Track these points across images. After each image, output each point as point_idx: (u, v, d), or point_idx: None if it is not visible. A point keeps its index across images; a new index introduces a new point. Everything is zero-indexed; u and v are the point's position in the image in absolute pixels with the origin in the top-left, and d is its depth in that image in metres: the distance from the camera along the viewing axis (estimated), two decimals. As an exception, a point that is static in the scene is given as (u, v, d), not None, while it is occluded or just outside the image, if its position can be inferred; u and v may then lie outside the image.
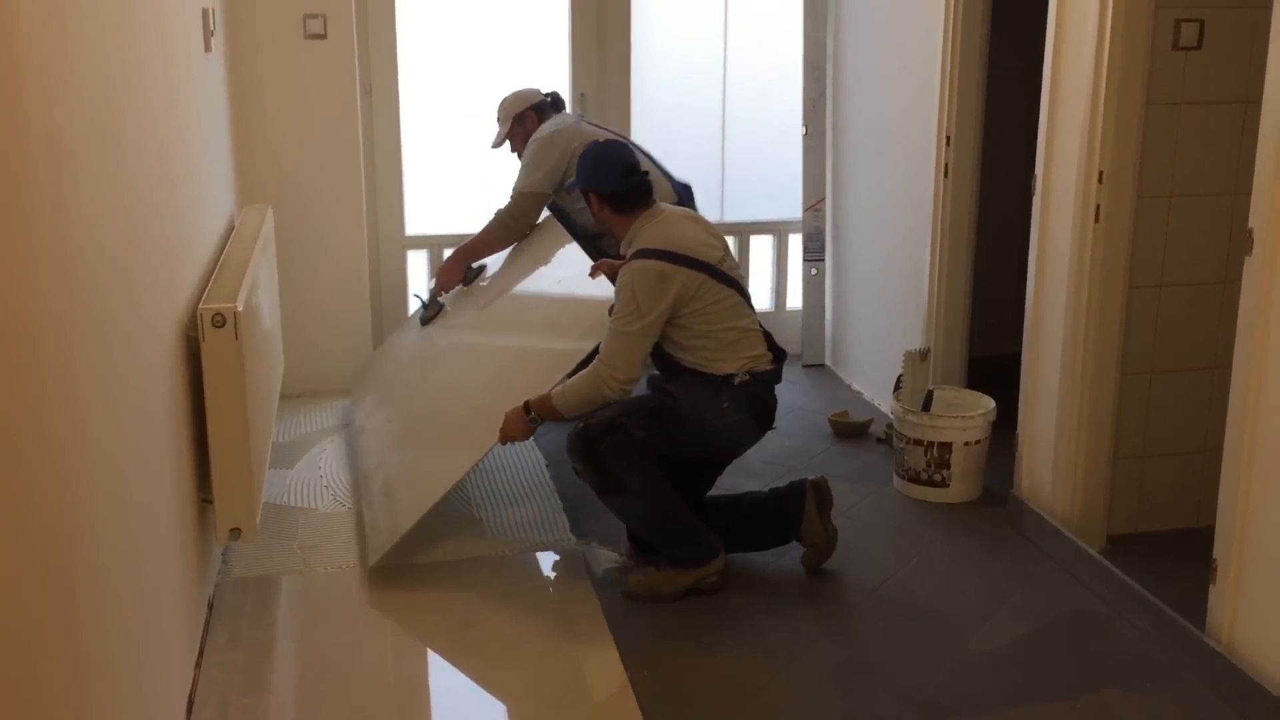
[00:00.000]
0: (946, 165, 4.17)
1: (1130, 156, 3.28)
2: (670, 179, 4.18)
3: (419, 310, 4.40)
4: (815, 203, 5.20)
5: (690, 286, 3.13)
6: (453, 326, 4.22)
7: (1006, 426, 3.80)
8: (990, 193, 4.42)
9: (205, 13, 3.50)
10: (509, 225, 4.17)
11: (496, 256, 4.32)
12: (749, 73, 5.24)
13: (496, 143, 4.36)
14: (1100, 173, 3.27)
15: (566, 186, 3.62)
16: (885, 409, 4.55)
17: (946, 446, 3.80)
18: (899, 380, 4.01)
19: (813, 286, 5.27)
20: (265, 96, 4.46)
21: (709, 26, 5.16)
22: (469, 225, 4.95)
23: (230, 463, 2.82)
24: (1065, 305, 3.41)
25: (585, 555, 3.41)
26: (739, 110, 5.26)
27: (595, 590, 3.24)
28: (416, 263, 5.08)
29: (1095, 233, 3.31)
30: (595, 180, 3.31)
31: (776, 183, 5.32)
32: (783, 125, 5.24)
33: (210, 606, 3.10)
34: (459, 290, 4.30)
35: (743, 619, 3.12)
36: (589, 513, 3.68)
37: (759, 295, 5.42)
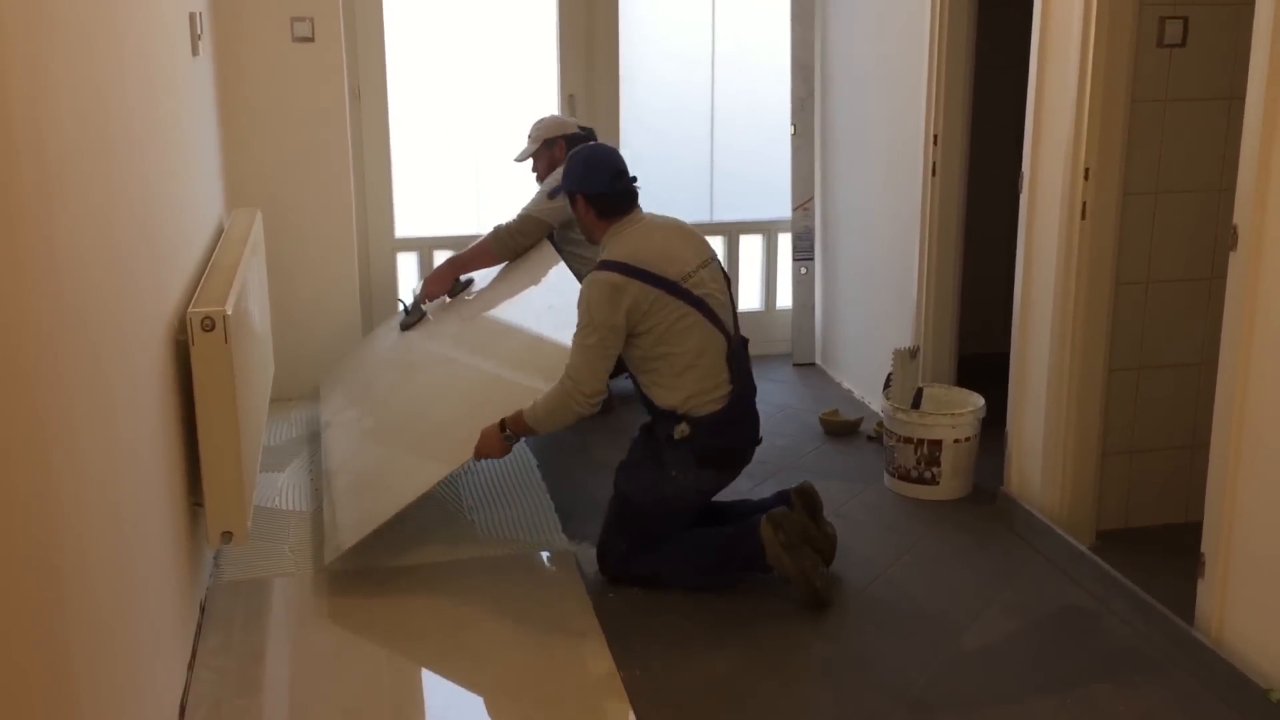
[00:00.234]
0: (934, 164, 4.18)
1: (1116, 153, 3.29)
2: None
3: (400, 315, 4.40)
4: (804, 202, 5.21)
5: (643, 301, 3.09)
6: (433, 336, 4.20)
7: (996, 424, 3.81)
8: (978, 191, 4.44)
9: (192, 17, 3.49)
10: (506, 243, 4.19)
11: (484, 273, 4.32)
12: (737, 73, 5.25)
13: (520, 157, 4.46)
14: (1086, 170, 3.28)
15: (551, 191, 3.58)
16: (875, 407, 4.56)
17: (936, 444, 3.81)
18: (889, 378, 4.02)
19: (802, 285, 5.28)
20: (253, 100, 4.46)
21: (697, 27, 5.17)
22: (459, 228, 4.98)
23: (221, 466, 2.82)
24: (1053, 302, 3.43)
25: (577, 555, 3.42)
26: (727, 110, 5.27)
27: (587, 590, 3.24)
28: (406, 265, 5.08)
29: (1082, 230, 3.32)
30: (584, 181, 3.29)
31: (765, 182, 5.33)
32: (771, 125, 5.25)
33: (202, 610, 3.10)
34: (443, 300, 4.31)
35: (734, 618, 3.12)
36: (580, 513, 3.68)
37: (749, 295, 5.44)
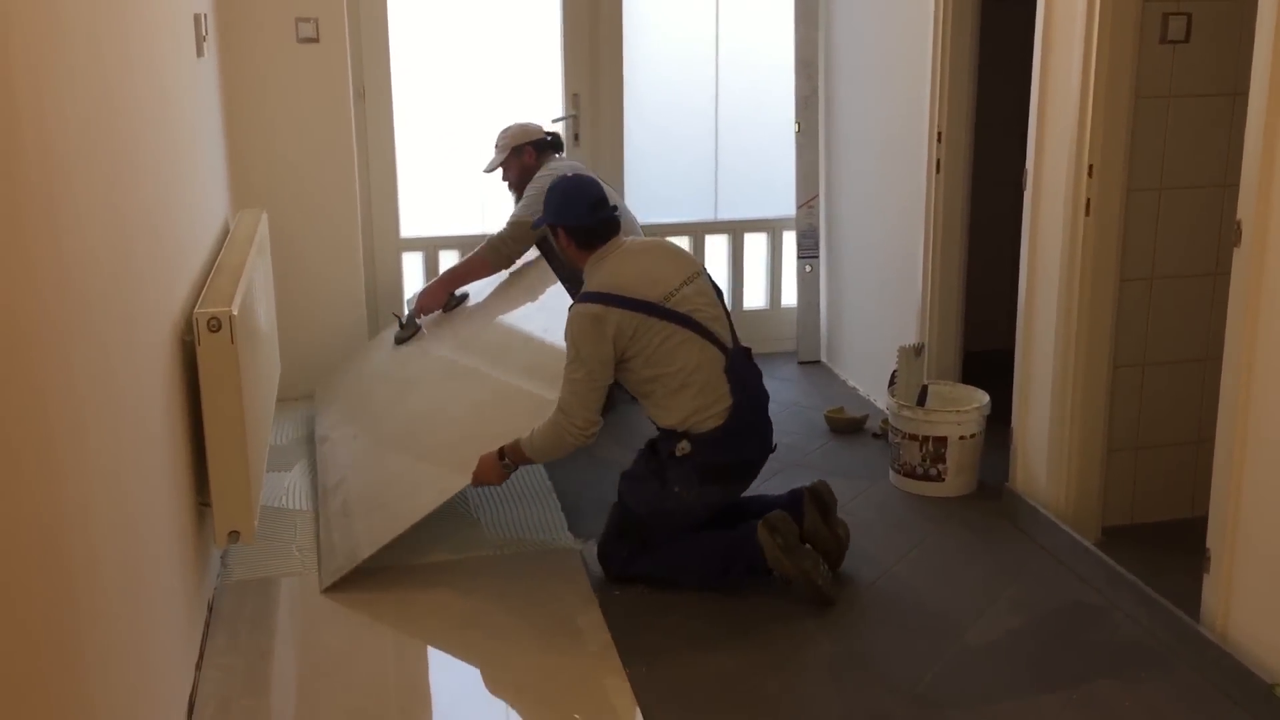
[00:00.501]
0: (938, 161, 4.18)
1: (1120, 150, 3.29)
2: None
3: (395, 329, 4.40)
4: (808, 200, 5.21)
5: (626, 328, 3.09)
6: (428, 352, 4.19)
7: (1001, 420, 3.81)
8: (982, 188, 4.44)
9: (197, 18, 3.51)
10: (500, 250, 4.21)
11: (478, 290, 4.34)
12: (741, 71, 5.24)
13: (489, 168, 4.49)
14: (1090, 166, 3.28)
15: (534, 222, 3.59)
16: (880, 404, 4.56)
17: (942, 441, 3.81)
18: (894, 376, 4.03)
19: (807, 283, 5.28)
20: (258, 100, 4.47)
21: (701, 25, 5.17)
22: (464, 227, 4.99)
23: (228, 466, 2.83)
24: (1057, 299, 3.43)
25: (583, 553, 3.43)
26: (731, 108, 5.27)
27: (593, 588, 3.25)
28: (412, 265, 5.08)
29: (1086, 226, 3.32)
30: (563, 214, 3.28)
31: (770, 180, 5.33)
32: (775, 123, 5.24)
33: (210, 609, 3.11)
34: (437, 316, 4.32)
35: (739, 615, 3.13)
36: (587, 513, 3.69)
37: (753, 293, 5.44)
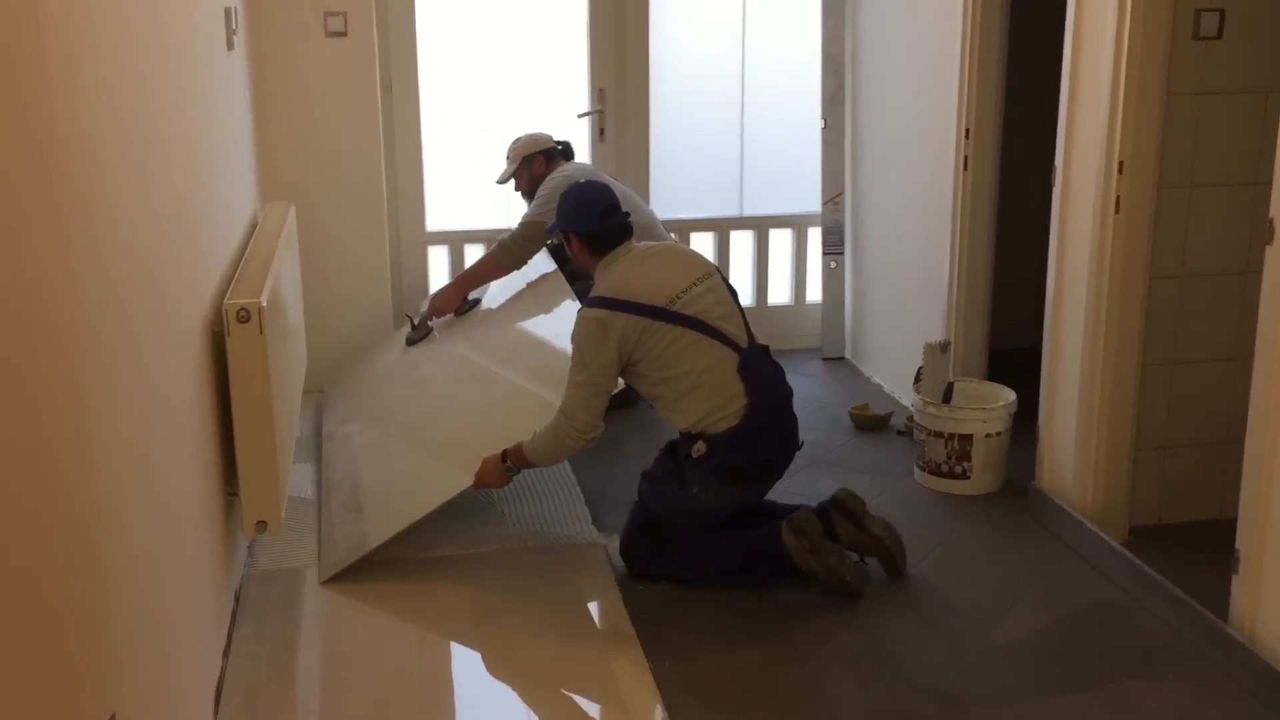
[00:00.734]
0: (966, 158, 4.16)
1: (1151, 147, 3.27)
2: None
3: (406, 329, 4.43)
4: (834, 196, 5.20)
5: (631, 332, 3.09)
6: (439, 354, 4.22)
7: (1027, 419, 3.79)
8: (1010, 185, 4.42)
9: (228, 11, 3.53)
10: (511, 250, 4.24)
11: (492, 296, 4.38)
12: (767, 66, 5.23)
13: (502, 179, 4.53)
14: (1120, 163, 3.26)
15: (547, 228, 3.60)
16: (905, 401, 4.55)
17: (967, 438, 3.80)
18: (919, 372, 4.01)
19: (832, 280, 5.27)
20: (287, 94, 4.49)
21: (727, 21, 5.16)
22: (489, 221, 5.00)
23: (255, 456, 2.85)
24: (1086, 297, 3.41)
25: (607, 548, 3.44)
26: (758, 104, 5.26)
27: (617, 582, 3.26)
28: (438, 259, 5.10)
29: (1116, 223, 3.30)
30: (575, 220, 3.28)
31: (795, 176, 5.32)
32: (801, 119, 5.23)
33: (237, 599, 3.13)
34: (450, 319, 4.36)
35: (764, 611, 3.13)
36: (611, 507, 3.70)
37: (778, 289, 5.43)
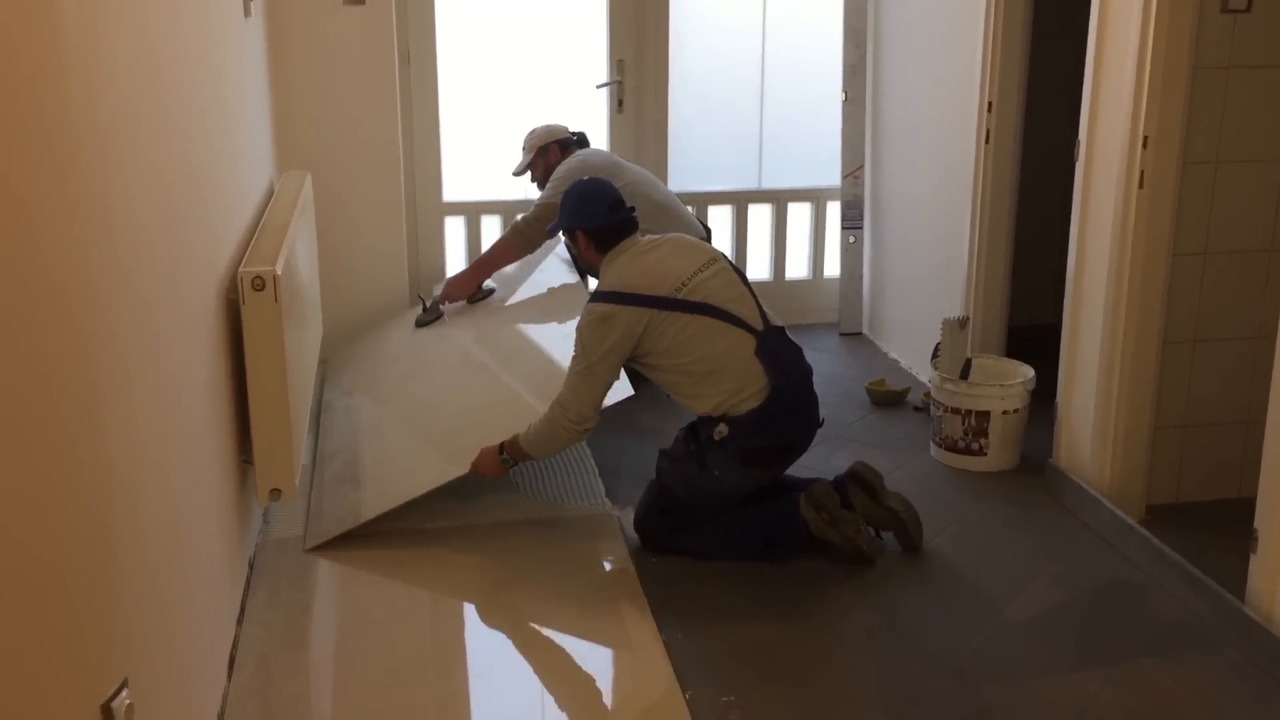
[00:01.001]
0: (988, 131, 4.12)
1: (1176, 121, 3.22)
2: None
3: (418, 310, 4.43)
4: (854, 170, 5.16)
5: (636, 325, 3.08)
6: (448, 339, 4.23)
7: (1045, 396, 3.77)
8: (1032, 159, 4.37)
9: (245, -23, 3.51)
10: (525, 233, 4.25)
11: (509, 288, 4.39)
12: (788, 38, 5.18)
13: (518, 171, 4.55)
14: (1145, 138, 3.22)
15: (549, 228, 3.59)
16: (923, 377, 4.53)
17: (984, 415, 3.77)
18: (937, 348, 3.99)
19: (850, 254, 5.24)
20: (304, 62, 4.47)
21: (748, -9, 5.11)
22: (506, 192, 4.98)
23: (270, 424, 2.85)
24: (1107, 273, 3.37)
25: (621, 520, 3.43)
26: (778, 76, 5.21)
27: (630, 555, 3.26)
28: (454, 229, 5.09)
29: (1139, 199, 3.26)
30: (580, 217, 3.28)
31: (815, 150, 5.27)
32: (822, 91, 5.18)
33: (251, 566, 3.15)
34: (462, 305, 4.37)
35: (778, 584, 3.12)
36: (625, 480, 3.69)
37: (795, 263, 5.40)
